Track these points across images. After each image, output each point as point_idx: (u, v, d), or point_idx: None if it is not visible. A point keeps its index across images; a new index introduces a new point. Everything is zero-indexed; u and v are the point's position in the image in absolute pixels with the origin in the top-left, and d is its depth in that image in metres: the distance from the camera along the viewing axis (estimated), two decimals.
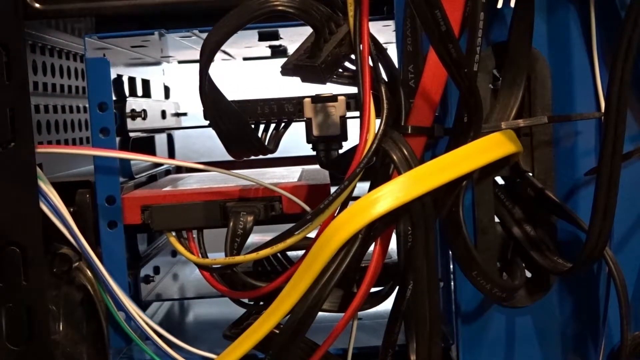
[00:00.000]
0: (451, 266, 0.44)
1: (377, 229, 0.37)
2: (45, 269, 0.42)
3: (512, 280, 0.41)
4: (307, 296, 0.35)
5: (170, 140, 0.69)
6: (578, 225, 0.41)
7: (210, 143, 0.70)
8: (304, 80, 0.38)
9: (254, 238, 0.45)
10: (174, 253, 0.64)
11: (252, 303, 0.42)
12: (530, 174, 0.42)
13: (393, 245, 0.39)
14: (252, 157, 0.42)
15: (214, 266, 0.41)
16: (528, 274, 0.42)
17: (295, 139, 0.46)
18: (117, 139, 0.46)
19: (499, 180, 0.43)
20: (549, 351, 0.43)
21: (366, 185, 0.38)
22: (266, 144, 0.42)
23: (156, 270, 0.58)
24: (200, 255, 0.42)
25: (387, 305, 0.41)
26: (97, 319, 0.44)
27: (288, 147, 0.48)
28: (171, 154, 0.69)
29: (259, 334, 0.36)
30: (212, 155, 0.68)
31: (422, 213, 0.35)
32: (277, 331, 0.36)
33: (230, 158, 0.42)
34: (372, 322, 0.49)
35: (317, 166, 0.46)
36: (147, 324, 0.44)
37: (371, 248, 0.37)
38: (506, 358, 0.43)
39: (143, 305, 0.52)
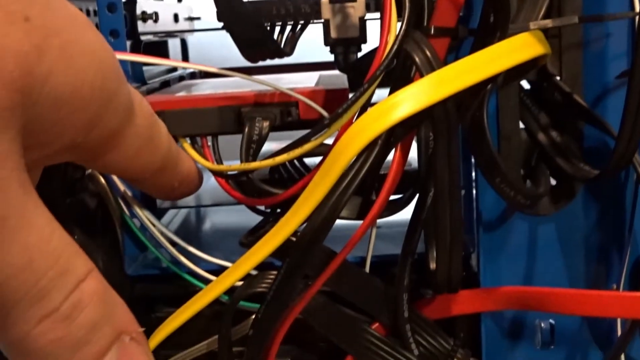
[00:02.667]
0: (473, 173, 0.43)
1: (398, 134, 0.35)
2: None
3: (536, 187, 0.40)
4: (325, 203, 0.34)
5: (184, 46, 0.67)
6: (606, 131, 0.39)
7: (224, 51, 0.68)
8: None
9: (271, 146, 0.44)
10: None
11: (268, 210, 0.42)
12: (558, 78, 0.40)
13: (413, 152, 0.38)
14: (268, 63, 0.41)
15: (229, 173, 0.40)
16: (552, 182, 0.41)
17: (312, 46, 0.44)
18: (128, 42, 0.44)
19: (525, 84, 0.41)
20: (571, 260, 0.42)
21: (385, 93, 0.37)
22: (282, 46, 0.41)
23: None
24: (215, 161, 0.41)
25: (406, 213, 0.40)
26: (111, 226, 0.44)
27: (305, 53, 0.46)
28: (185, 60, 0.68)
29: (275, 242, 0.35)
30: (226, 62, 0.66)
31: (444, 118, 0.34)
32: (294, 239, 0.35)
33: (245, 64, 0.41)
34: (391, 230, 0.48)
35: (335, 71, 0.45)
36: (161, 232, 0.43)
37: (391, 155, 0.36)
38: (527, 267, 0.42)
39: (158, 213, 0.51)
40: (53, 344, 0.26)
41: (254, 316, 0.38)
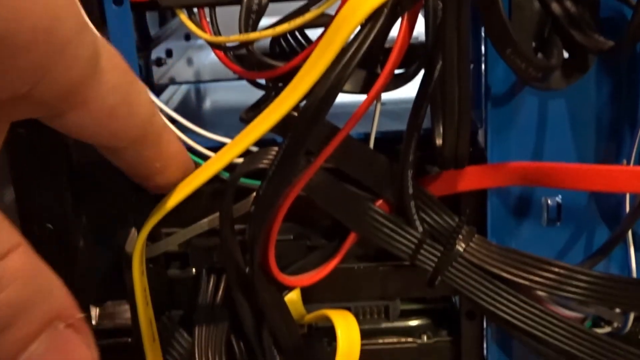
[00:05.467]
0: (482, 47, 0.41)
1: (404, 3, 0.34)
2: None
3: (548, 60, 0.38)
4: (328, 75, 0.32)
5: None
6: (624, 0, 0.37)
7: None
8: None
9: (271, 20, 0.42)
10: (188, 36, 0.61)
11: (270, 85, 0.40)
12: None
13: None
14: None
15: (228, 45, 0.38)
16: (565, 55, 0.39)
17: None
18: None
19: None
20: (582, 135, 0.41)
21: None
22: None
23: (169, 53, 0.55)
24: (213, 33, 0.39)
25: (412, 91, 0.38)
26: None
27: None
28: None
29: (276, 116, 0.34)
30: None
31: None
32: (296, 113, 0.34)
33: None
34: (396, 107, 0.47)
35: None
36: (160, 109, 0.42)
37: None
38: (536, 143, 0.41)
39: (156, 89, 0.50)
40: None
41: (255, 193, 0.38)
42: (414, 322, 0.47)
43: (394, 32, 0.35)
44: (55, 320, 0.25)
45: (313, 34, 0.39)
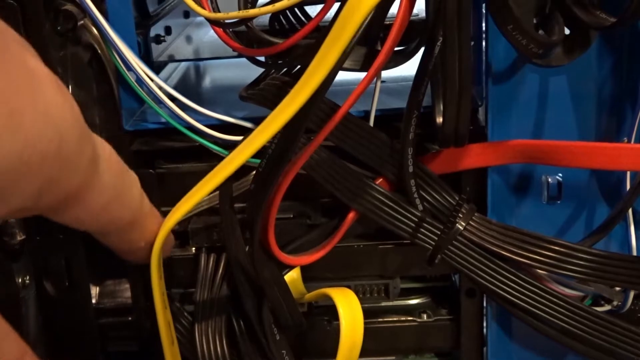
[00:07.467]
0: (483, 23, 0.41)
1: None
2: None
3: (549, 36, 0.38)
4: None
5: None
6: None
7: None
8: None
9: None
10: (187, 13, 0.61)
11: (269, 62, 0.40)
12: None
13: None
14: None
15: (227, 21, 0.38)
16: (567, 31, 0.39)
17: None
18: None
19: None
20: (583, 113, 0.41)
21: None
22: None
23: (167, 30, 0.55)
24: (212, 10, 0.39)
25: (412, 69, 0.38)
26: (107, 80, 0.42)
27: None
28: None
29: (285, 117, 0.32)
30: None
31: None
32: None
33: None
34: (396, 85, 0.47)
35: None
36: (159, 86, 0.42)
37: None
38: (537, 120, 0.41)
39: (155, 67, 0.50)
40: None
41: (255, 171, 0.37)
42: (414, 301, 0.47)
43: (394, 8, 0.35)
44: None
45: (312, 10, 0.39)
